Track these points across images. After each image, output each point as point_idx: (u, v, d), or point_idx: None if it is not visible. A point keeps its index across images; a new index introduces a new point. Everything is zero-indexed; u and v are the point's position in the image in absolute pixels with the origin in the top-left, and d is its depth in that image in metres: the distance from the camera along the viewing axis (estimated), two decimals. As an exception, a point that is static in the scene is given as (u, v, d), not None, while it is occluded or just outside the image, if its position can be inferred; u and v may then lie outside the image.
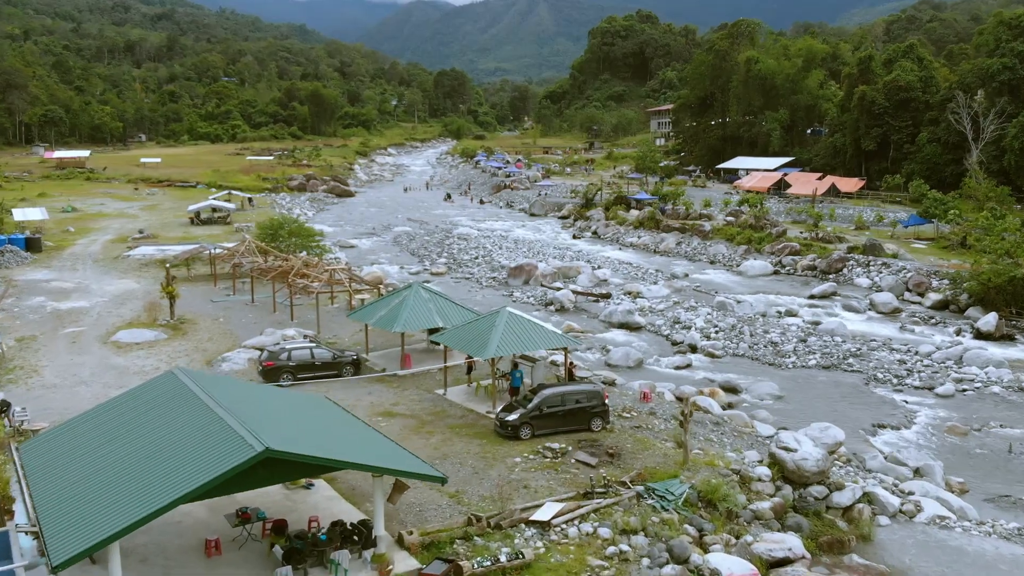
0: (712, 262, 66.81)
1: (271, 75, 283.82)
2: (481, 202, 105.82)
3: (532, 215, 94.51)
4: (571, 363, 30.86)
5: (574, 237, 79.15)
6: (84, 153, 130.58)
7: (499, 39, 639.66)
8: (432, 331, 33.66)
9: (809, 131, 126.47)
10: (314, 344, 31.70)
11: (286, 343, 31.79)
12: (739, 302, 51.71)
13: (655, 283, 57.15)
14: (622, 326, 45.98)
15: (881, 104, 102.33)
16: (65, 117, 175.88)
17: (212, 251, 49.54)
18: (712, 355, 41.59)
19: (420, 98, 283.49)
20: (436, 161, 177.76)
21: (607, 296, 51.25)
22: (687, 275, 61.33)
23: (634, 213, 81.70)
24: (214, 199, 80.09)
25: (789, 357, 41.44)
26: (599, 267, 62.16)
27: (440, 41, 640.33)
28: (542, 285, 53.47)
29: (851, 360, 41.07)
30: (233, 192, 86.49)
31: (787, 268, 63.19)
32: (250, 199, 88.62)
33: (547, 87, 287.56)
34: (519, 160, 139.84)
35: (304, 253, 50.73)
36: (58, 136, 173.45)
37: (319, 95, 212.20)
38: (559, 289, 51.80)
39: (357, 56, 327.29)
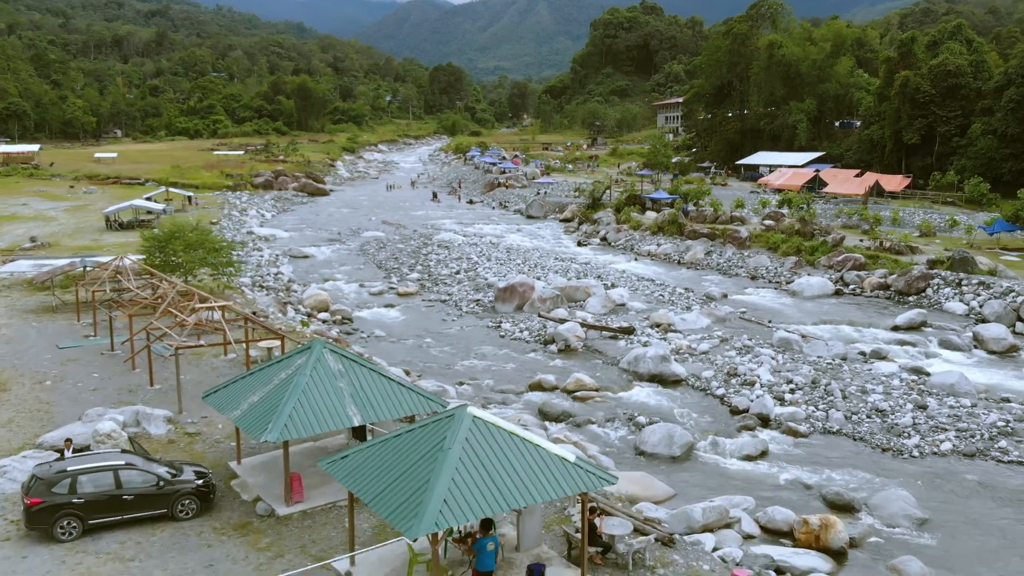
0: (754, 277, 52.37)
1: (262, 70, 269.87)
2: (470, 202, 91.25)
3: (529, 217, 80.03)
4: (596, 508, 16.40)
5: (579, 244, 64.72)
6: (33, 148, 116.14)
7: (498, 38, 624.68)
8: (358, 431, 19.52)
9: (838, 123, 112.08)
10: (123, 460, 17.21)
11: (69, 461, 17.25)
12: (806, 338, 37.41)
13: (689, 309, 42.70)
14: (654, 379, 31.56)
15: (926, 91, 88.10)
16: (31, 111, 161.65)
17: (85, 268, 35.13)
18: (795, 432, 27.20)
19: (415, 94, 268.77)
20: (428, 158, 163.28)
21: (629, 331, 36.78)
22: (726, 296, 46.93)
23: (650, 215, 67.29)
24: (147, 198, 65.79)
25: (909, 436, 27.01)
26: (612, 285, 47.77)
27: (439, 40, 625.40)
28: (540, 316, 38.89)
29: (1002, 442, 26.75)
30: (172, 190, 71.74)
31: (852, 287, 48.77)
32: (190, 198, 74.05)
33: (547, 82, 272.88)
34: (516, 156, 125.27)
35: (216, 275, 36.27)
36: (23, 131, 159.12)
37: (306, 88, 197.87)
38: (563, 321, 37.32)
39: (351, 52, 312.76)
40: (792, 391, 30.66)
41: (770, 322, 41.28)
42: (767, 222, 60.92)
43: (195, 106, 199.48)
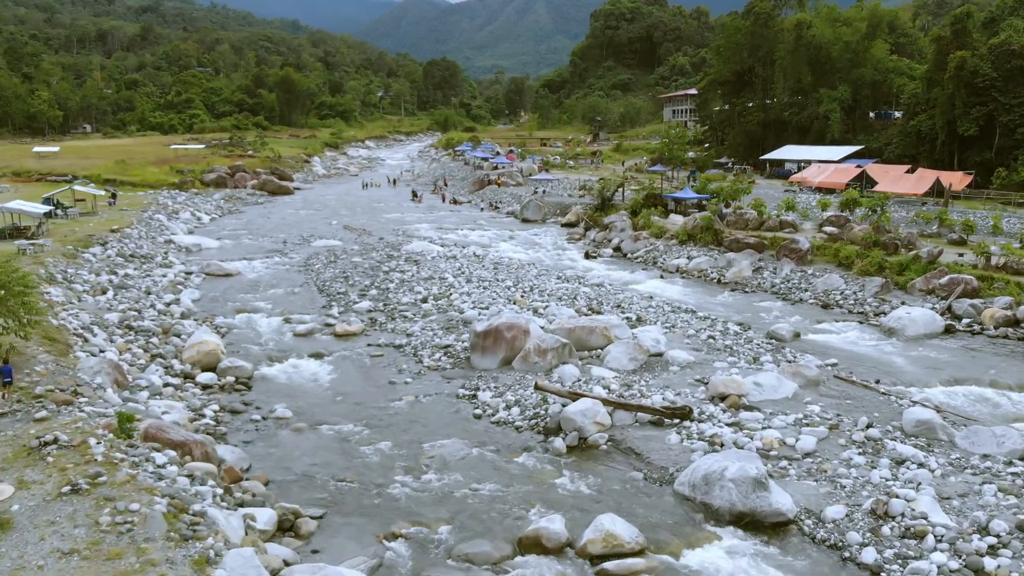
0: (826, 305, 38.15)
1: (249, 65, 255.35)
2: (455, 202, 77.05)
3: (524, 221, 65.82)
4: None
5: (587, 256, 50.51)
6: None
7: (496, 36, 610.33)
8: None
9: (873, 114, 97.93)
10: None
11: None
12: (942, 413, 23.49)
13: (757, 361, 28.50)
14: (741, 520, 17.46)
15: (986, 74, 74.04)
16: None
17: None
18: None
19: (408, 89, 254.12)
20: (417, 155, 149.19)
21: (683, 414, 22.42)
22: (798, 336, 32.79)
23: (676, 219, 53.17)
24: (46, 198, 51.65)
25: None
26: (639, 319, 33.54)
27: (436, 38, 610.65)
28: (538, 388, 23.94)
29: None
30: (79, 188, 57.22)
31: (967, 321, 34.63)
32: (114, 195, 59.83)
33: (545, 76, 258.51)
34: (511, 151, 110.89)
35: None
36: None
37: (290, 81, 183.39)
38: (575, 396, 22.95)
39: (343, 46, 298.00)
40: (994, 550, 16.55)
41: (878, 382, 27.21)
42: (828, 229, 46.75)
43: (173, 100, 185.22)
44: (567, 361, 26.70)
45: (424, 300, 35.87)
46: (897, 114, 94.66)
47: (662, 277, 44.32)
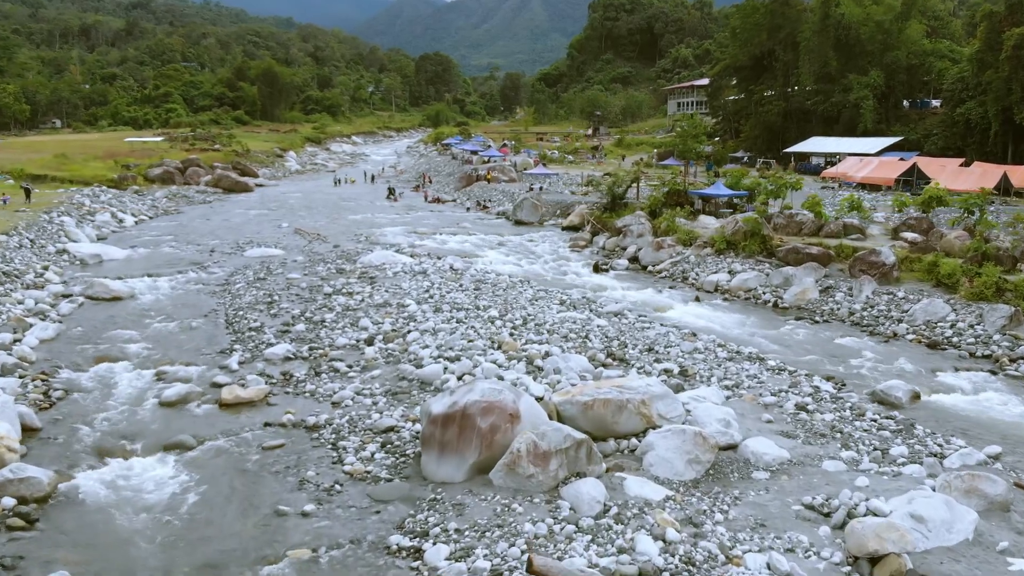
0: (933, 344, 26.93)
1: (235, 59, 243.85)
2: (437, 200, 65.78)
3: (517, 223, 54.47)
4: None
5: (596, 269, 39.28)
6: None
7: (492, 34, 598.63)
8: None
9: (908, 103, 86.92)
10: None
11: None
12: None
13: (886, 456, 17.42)
14: None
15: (1049, 54, 63.35)
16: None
17: None
18: None
19: (399, 84, 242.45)
20: (405, 150, 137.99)
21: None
22: (918, 397, 21.68)
23: (706, 221, 42.01)
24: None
25: None
26: (684, 373, 22.35)
27: (432, 37, 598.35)
28: (531, 569, 12.45)
29: None
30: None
31: None
32: (28, 192, 48.81)
33: (542, 69, 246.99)
34: (504, 144, 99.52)
35: None
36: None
37: (272, 74, 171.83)
38: (593, 570, 11.72)
39: (333, 41, 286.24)
40: None
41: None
42: (908, 235, 35.68)
43: (150, 95, 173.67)
44: (584, 471, 15.49)
45: (369, 342, 24.62)
46: (935, 102, 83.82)
47: (698, 299, 33.16)
